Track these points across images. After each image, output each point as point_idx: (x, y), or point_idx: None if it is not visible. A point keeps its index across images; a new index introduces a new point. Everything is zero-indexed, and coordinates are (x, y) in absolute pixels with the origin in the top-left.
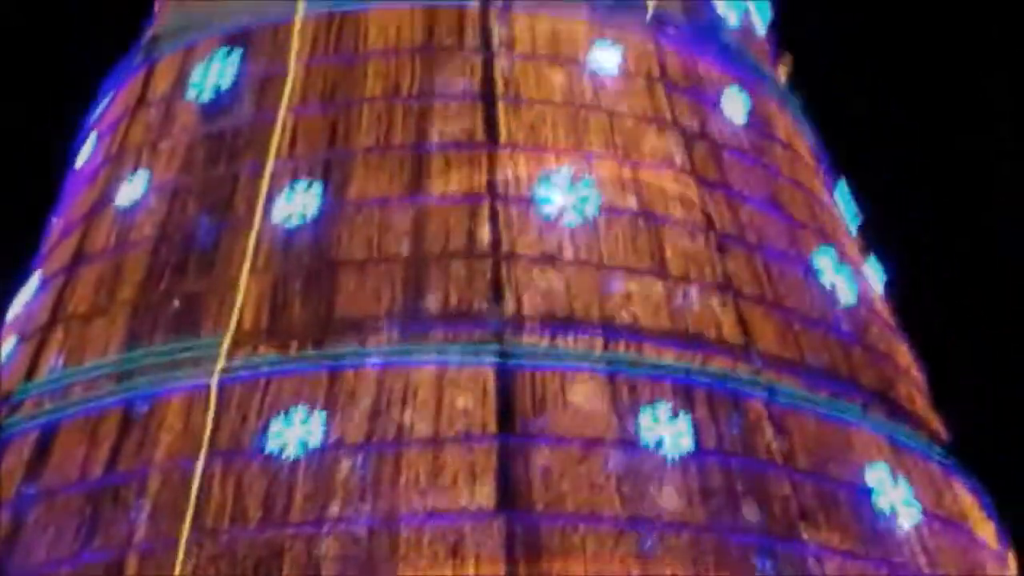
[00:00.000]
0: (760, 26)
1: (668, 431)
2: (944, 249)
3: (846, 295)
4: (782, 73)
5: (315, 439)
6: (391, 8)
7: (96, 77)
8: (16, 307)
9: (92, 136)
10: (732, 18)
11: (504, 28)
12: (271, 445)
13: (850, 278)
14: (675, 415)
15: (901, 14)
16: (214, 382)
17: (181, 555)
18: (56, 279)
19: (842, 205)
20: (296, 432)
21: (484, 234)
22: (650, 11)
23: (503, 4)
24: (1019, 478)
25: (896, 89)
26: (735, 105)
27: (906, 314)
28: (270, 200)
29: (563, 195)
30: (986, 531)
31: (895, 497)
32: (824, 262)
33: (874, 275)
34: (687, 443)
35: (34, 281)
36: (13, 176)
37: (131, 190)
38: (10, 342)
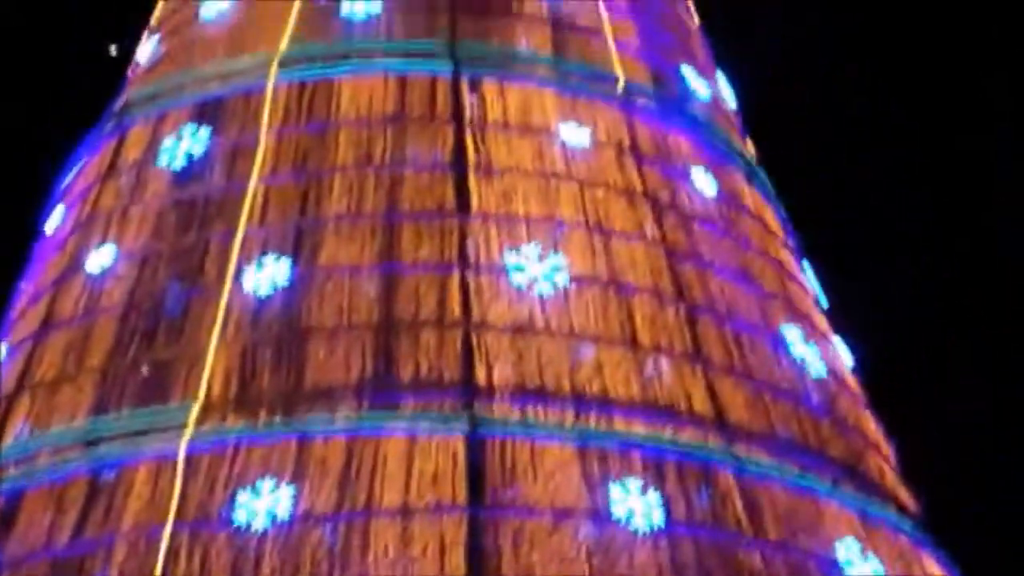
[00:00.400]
0: (730, 99)
1: (638, 504)
2: (911, 322)
3: (816, 367)
4: (750, 146)
5: (283, 510)
6: (363, 77)
7: (64, 146)
8: None
9: (62, 204)
10: (702, 91)
11: (475, 98)
12: (239, 516)
13: (819, 351)
14: (645, 488)
15: (866, 93)
16: (182, 451)
17: None
18: (23, 346)
19: (809, 283)
20: (264, 502)
21: (455, 303)
22: (620, 83)
23: (474, 74)
24: (988, 550)
25: (863, 165)
26: (704, 177)
27: (874, 387)
28: (240, 268)
29: (534, 265)
30: None
31: (865, 571)
32: (793, 334)
33: (843, 349)
34: (658, 516)
35: (1, 350)
36: None
37: (100, 257)
38: None
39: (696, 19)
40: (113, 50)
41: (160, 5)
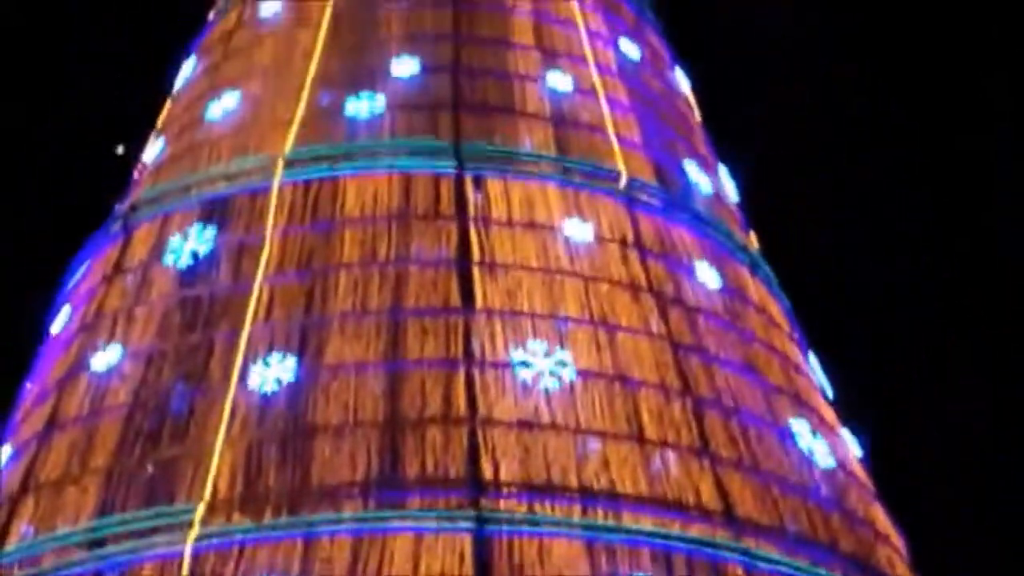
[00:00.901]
0: (732, 192)
1: None
2: (916, 412)
3: (824, 460)
4: (754, 239)
5: None
6: (367, 176)
7: (69, 247)
8: None
9: (67, 304)
10: (704, 185)
11: (479, 195)
12: None
13: (827, 443)
14: None
15: (858, 182)
16: (187, 550)
17: None
18: (28, 446)
19: (815, 374)
20: None
21: (461, 400)
22: (623, 179)
23: (477, 171)
24: None
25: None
26: (708, 270)
27: (883, 479)
28: (245, 367)
29: (539, 360)
30: None
31: None
32: (801, 427)
33: (850, 439)
34: None
35: (6, 450)
36: None
37: (106, 356)
38: None
39: (698, 114)
40: (119, 151)
41: (166, 106)
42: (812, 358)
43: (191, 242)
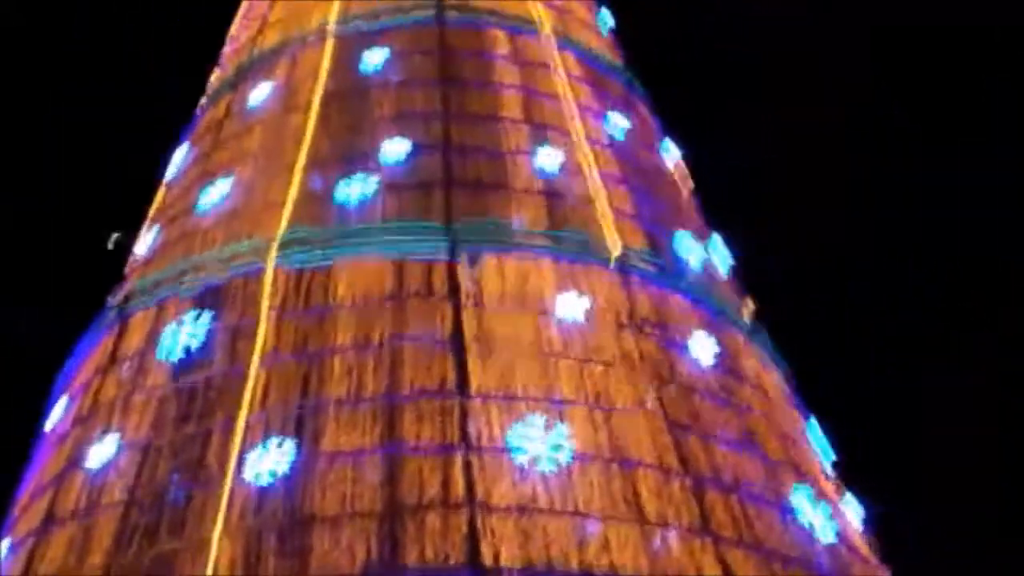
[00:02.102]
0: (725, 261)
1: None
2: (919, 473)
3: (825, 533)
4: (749, 307)
5: None
6: (360, 259)
7: (63, 341)
8: None
9: (63, 398)
10: (697, 256)
11: (472, 274)
12: None
13: (828, 516)
14: None
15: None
16: None
17: None
18: (26, 543)
19: (815, 441)
20: None
21: (459, 485)
22: (616, 252)
23: (470, 250)
24: None
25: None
26: (703, 347)
27: (888, 543)
28: (242, 457)
29: (536, 443)
30: None
31: None
32: (801, 500)
33: (853, 506)
34: None
35: (4, 545)
36: None
37: (101, 451)
38: None
39: (689, 184)
40: (111, 242)
41: (159, 195)
42: (813, 423)
43: (186, 330)
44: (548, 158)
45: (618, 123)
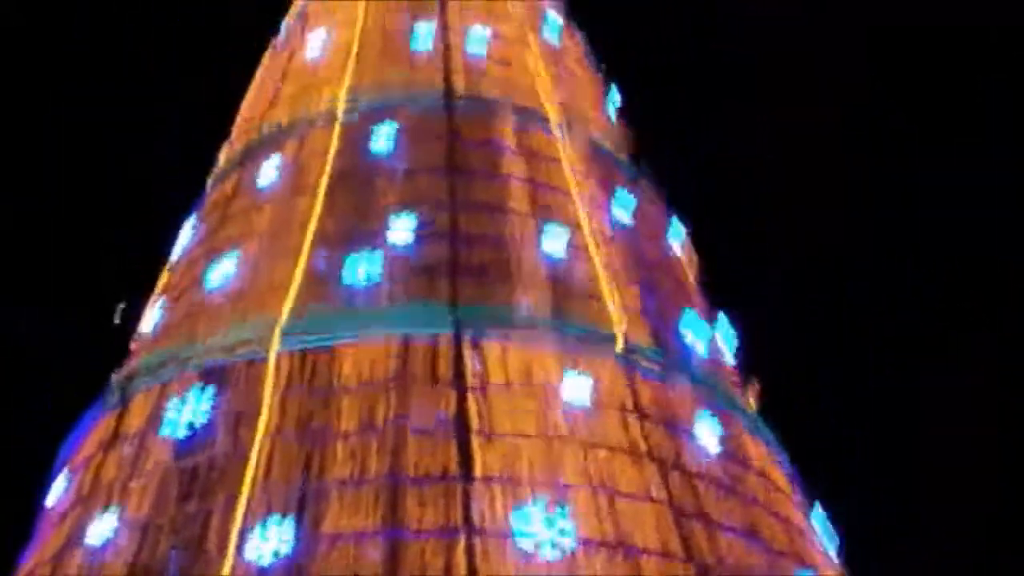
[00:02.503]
0: (728, 354)
1: None
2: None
3: None
4: (753, 396)
5: None
6: (365, 341)
7: (65, 418)
8: None
9: (63, 475)
10: (701, 346)
11: (477, 360)
12: None
13: None
14: None
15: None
16: None
17: None
18: None
19: (819, 529)
20: None
21: (461, 570)
22: (620, 342)
23: (475, 336)
24: None
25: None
26: (708, 435)
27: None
28: (243, 537)
29: (539, 528)
30: None
31: None
32: None
33: None
34: None
35: None
36: None
37: (101, 528)
38: None
39: (694, 272)
40: (117, 317)
41: (164, 273)
42: (817, 512)
43: (188, 410)
44: (553, 247)
45: (624, 213)
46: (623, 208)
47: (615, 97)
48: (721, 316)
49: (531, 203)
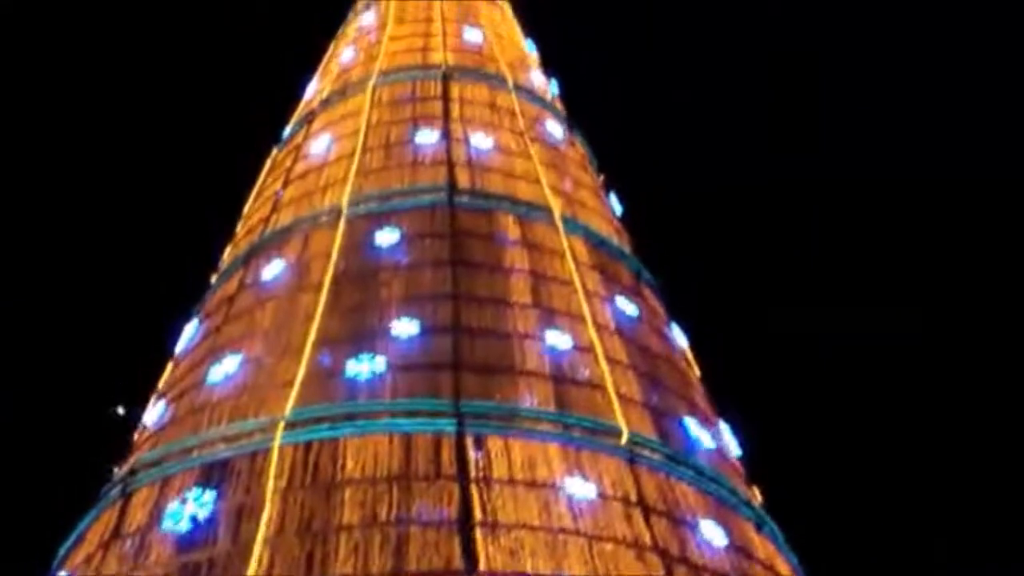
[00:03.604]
0: (734, 447)
1: None
2: None
3: None
4: (758, 494)
5: None
6: (368, 437)
7: (65, 513)
8: None
9: (64, 573)
10: (705, 441)
11: (480, 455)
12: None
13: None
14: None
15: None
16: None
17: None
18: None
19: None
20: None
21: None
22: (624, 436)
23: (478, 431)
24: None
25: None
26: (714, 528)
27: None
28: None
29: None
30: None
31: None
32: None
33: None
34: None
35: None
36: None
37: None
38: None
39: (697, 370)
40: (119, 412)
41: (167, 369)
42: None
43: (190, 506)
44: (557, 342)
45: (626, 308)
46: (626, 304)
47: (615, 204)
48: (725, 416)
49: (534, 297)
